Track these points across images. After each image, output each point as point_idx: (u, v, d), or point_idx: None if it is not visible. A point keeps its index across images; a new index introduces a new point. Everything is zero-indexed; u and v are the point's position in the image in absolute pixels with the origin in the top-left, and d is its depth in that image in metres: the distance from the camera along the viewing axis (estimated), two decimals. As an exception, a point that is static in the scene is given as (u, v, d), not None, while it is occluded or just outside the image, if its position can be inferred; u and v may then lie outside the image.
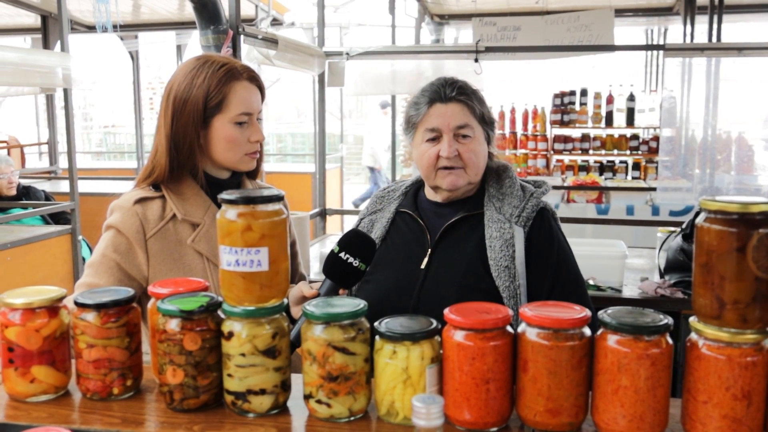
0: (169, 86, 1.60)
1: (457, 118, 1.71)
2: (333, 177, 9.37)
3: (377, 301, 1.77)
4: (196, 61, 1.59)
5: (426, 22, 7.58)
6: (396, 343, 1.04)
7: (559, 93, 6.95)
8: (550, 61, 6.27)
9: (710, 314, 0.95)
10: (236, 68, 1.58)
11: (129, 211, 1.55)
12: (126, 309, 1.15)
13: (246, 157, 1.62)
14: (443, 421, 0.82)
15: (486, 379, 1.01)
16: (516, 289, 1.65)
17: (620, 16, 6.84)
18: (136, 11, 8.21)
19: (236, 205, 1.06)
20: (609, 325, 0.98)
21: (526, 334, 1.01)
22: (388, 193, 1.94)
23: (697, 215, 0.98)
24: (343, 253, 1.47)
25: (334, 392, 1.05)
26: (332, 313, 1.05)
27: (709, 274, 0.94)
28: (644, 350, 0.95)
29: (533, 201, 1.73)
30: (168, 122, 1.56)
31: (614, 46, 4.34)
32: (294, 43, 3.51)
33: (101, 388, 1.14)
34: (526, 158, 6.91)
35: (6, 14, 7.82)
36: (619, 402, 0.97)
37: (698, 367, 0.96)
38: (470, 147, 1.71)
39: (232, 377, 1.08)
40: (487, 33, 5.51)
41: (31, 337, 1.13)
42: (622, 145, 6.83)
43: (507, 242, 1.67)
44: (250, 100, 1.59)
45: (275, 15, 7.48)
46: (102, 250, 1.55)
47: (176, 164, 1.58)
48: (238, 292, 1.07)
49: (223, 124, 1.57)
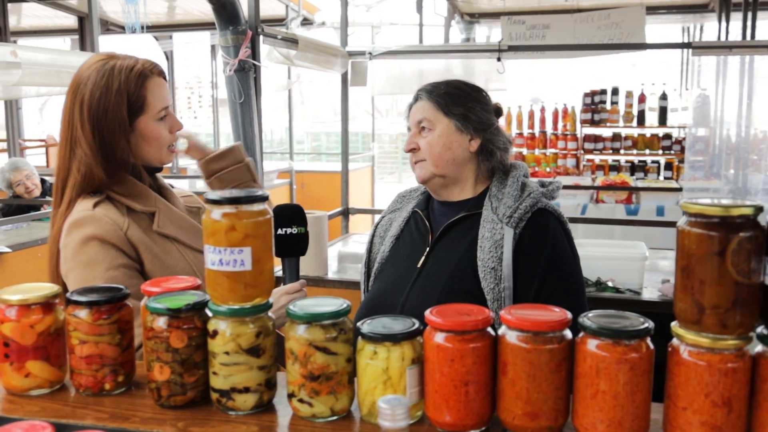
0: (77, 96, 1.56)
1: (417, 114, 1.81)
2: (364, 176, 9.41)
3: (376, 298, 1.81)
4: (101, 66, 1.57)
5: (456, 21, 7.56)
6: (377, 343, 1.04)
7: (589, 92, 6.88)
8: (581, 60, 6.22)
9: (690, 319, 0.93)
10: (146, 67, 1.60)
11: (97, 217, 1.53)
12: (118, 306, 1.17)
13: (167, 150, 1.66)
14: (409, 422, 0.82)
15: (465, 381, 1.01)
16: (501, 291, 1.63)
17: (653, 14, 6.75)
18: (171, 12, 8.35)
19: (220, 205, 1.07)
20: (588, 328, 0.97)
21: (506, 336, 1.01)
22: (410, 193, 1.98)
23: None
24: (279, 229, 1.56)
25: (315, 391, 1.06)
26: (314, 312, 1.06)
27: (688, 278, 0.93)
28: (623, 354, 0.94)
29: (528, 201, 1.70)
30: (89, 134, 1.55)
31: (643, 45, 4.27)
32: (315, 43, 3.53)
33: (93, 383, 1.17)
34: (556, 158, 6.85)
35: (45, 16, 8.01)
36: (598, 407, 0.96)
37: (678, 372, 0.94)
38: (427, 139, 1.77)
39: (217, 375, 1.10)
40: (515, 31, 5.47)
41: (26, 332, 1.16)
42: (654, 144, 6.73)
43: (496, 243, 1.66)
44: (164, 95, 1.63)
45: (305, 15, 7.55)
46: (103, 268, 1.51)
47: (111, 170, 1.58)
48: (222, 292, 1.09)
49: (147, 123, 1.60)
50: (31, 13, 8.02)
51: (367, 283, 1.92)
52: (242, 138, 2.94)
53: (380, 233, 1.92)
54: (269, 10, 7.34)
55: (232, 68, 2.84)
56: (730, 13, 5.67)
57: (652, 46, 4.10)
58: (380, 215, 1.97)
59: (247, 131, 2.94)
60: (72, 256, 1.53)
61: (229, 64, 2.85)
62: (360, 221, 6.72)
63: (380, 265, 1.85)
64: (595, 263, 2.95)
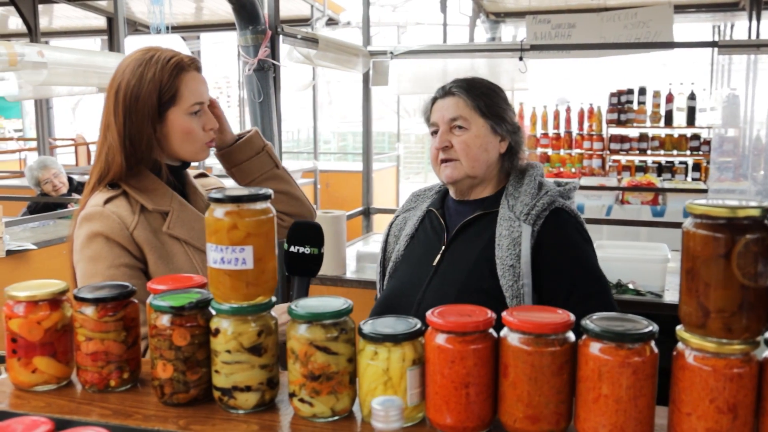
0: (115, 84, 1.59)
1: (450, 111, 1.76)
2: (389, 176, 9.40)
3: (392, 296, 1.80)
4: (142, 55, 1.59)
5: (482, 21, 7.52)
6: (377, 344, 1.03)
7: (615, 92, 6.79)
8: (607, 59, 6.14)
9: (695, 323, 0.91)
10: (183, 60, 1.60)
11: (105, 214, 1.55)
12: (123, 304, 1.18)
13: (203, 146, 1.64)
14: (402, 424, 0.81)
15: (465, 383, 1.00)
16: (520, 288, 1.63)
17: (682, 13, 6.64)
18: (198, 13, 8.42)
19: (223, 203, 1.07)
20: (591, 331, 0.95)
21: (508, 338, 1.00)
22: (424, 192, 1.98)
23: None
24: (292, 247, 1.50)
25: (316, 391, 1.06)
26: (314, 312, 1.05)
27: (693, 281, 0.91)
28: (625, 358, 0.92)
29: (545, 199, 1.70)
30: (120, 120, 1.56)
31: (668, 44, 4.21)
32: (336, 43, 3.54)
33: (98, 380, 1.18)
34: (581, 158, 6.78)
35: (75, 17, 8.14)
36: (600, 411, 0.94)
37: (683, 377, 0.92)
38: (463, 138, 1.74)
39: (219, 373, 1.10)
40: (541, 31, 5.43)
41: (33, 328, 1.17)
42: (682, 145, 6.63)
43: (514, 241, 1.66)
44: (200, 90, 1.61)
45: (331, 14, 7.57)
46: (105, 266, 1.52)
47: (134, 161, 1.58)
48: (224, 290, 1.09)
49: (178, 116, 1.59)
50: (62, 14, 8.15)
51: (382, 283, 1.91)
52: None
53: (395, 232, 1.91)
54: (294, 11, 7.38)
55: (251, 68, 2.86)
56: (761, 12, 5.56)
57: (677, 45, 4.04)
58: (395, 215, 1.97)
59: (266, 130, 2.95)
60: (79, 249, 1.57)
61: (248, 63, 2.87)
62: (384, 221, 6.71)
63: (395, 264, 1.85)
64: (615, 265, 2.92)
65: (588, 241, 1.75)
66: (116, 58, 4.38)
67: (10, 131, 12.29)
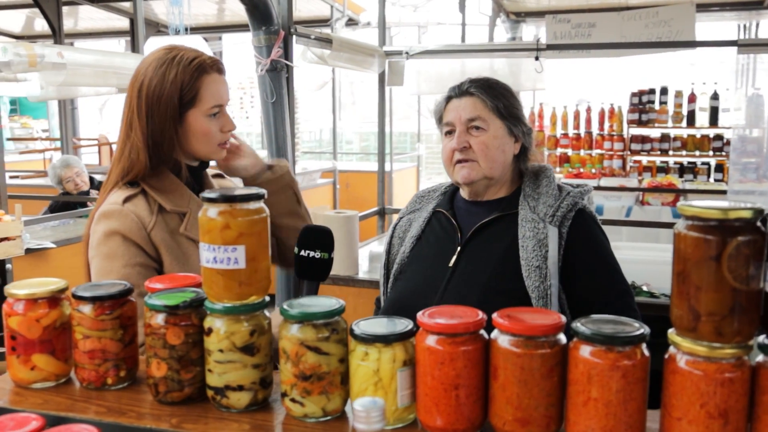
0: (137, 82, 1.59)
1: (468, 111, 1.74)
2: (409, 176, 9.40)
3: (404, 298, 1.79)
4: (165, 54, 1.59)
5: (502, 20, 7.49)
6: (368, 344, 1.03)
7: (637, 92, 6.71)
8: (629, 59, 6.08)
9: (686, 326, 0.90)
10: (206, 61, 1.59)
11: (123, 213, 1.56)
12: (120, 302, 1.19)
13: (218, 147, 1.64)
14: (383, 425, 0.81)
15: (455, 384, 0.99)
16: (547, 289, 1.62)
17: (705, 11, 6.55)
18: (220, 14, 8.48)
19: (216, 203, 1.08)
20: (581, 334, 0.94)
21: (498, 340, 0.99)
22: (428, 193, 1.96)
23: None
24: (302, 251, 1.49)
25: (307, 391, 1.06)
26: (306, 312, 1.05)
27: (684, 284, 0.89)
28: (615, 361, 0.91)
29: (569, 200, 1.71)
30: (143, 119, 1.57)
31: (686, 42, 4.16)
32: (350, 43, 3.54)
33: (96, 377, 1.19)
34: (602, 159, 6.72)
35: (99, 18, 8.23)
36: (589, 414, 0.93)
37: (673, 381, 0.91)
38: (481, 139, 1.72)
39: (212, 372, 1.10)
40: (561, 30, 5.38)
41: (32, 326, 1.18)
42: (705, 145, 6.54)
43: (540, 242, 1.65)
44: (220, 92, 1.61)
45: (351, 15, 7.57)
46: (121, 264, 1.53)
47: (156, 160, 1.59)
48: (217, 290, 1.09)
49: (197, 118, 1.59)
50: (87, 16, 8.25)
51: (386, 285, 1.90)
52: (274, 137, 2.97)
53: (399, 234, 1.90)
54: (315, 11, 7.39)
55: (264, 68, 2.87)
56: (785, 10, 5.47)
57: (696, 44, 3.99)
58: (398, 216, 1.96)
59: (279, 130, 2.96)
60: (96, 245, 1.58)
61: (261, 63, 2.88)
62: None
63: (400, 266, 1.84)
64: (630, 267, 2.87)
65: (608, 241, 1.78)
66: (135, 59, 4.43)
67: (39, 131, 12.47)
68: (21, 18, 8.08)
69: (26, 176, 7.58)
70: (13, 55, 3.58)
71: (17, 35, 8.61)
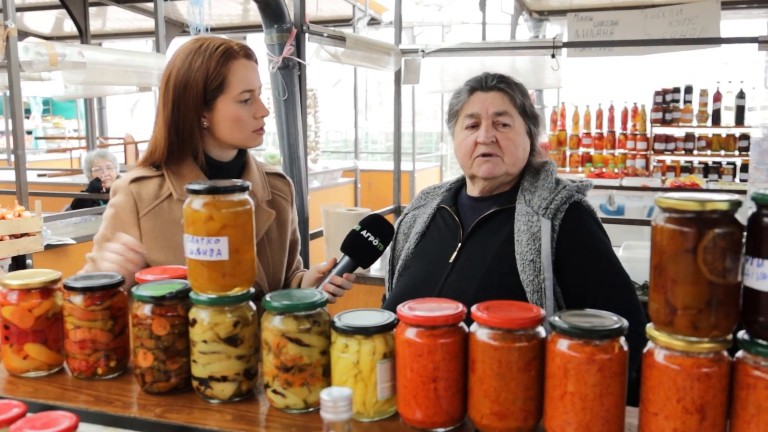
0: (167, 72, 1.61)
1: (496, 105, 1.72)
2: (432, 175, 9.38)
3: (405, 294, 1.78)
4: (192, 44, 1.60)
5: (525, 19, 7.44)
6: (348, 336, 1.03)
7: (661, 90, 6.62)
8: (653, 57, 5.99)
9: (662, 320, 0.88)
10: (232, 47, 1.60)
11: (125, 190, 1.60)
12: (111, 293, 1.20)
13: (253, 134, 1.64)
14: (351, 415, 0.81)
15: (433, 377, 0.99)
16: (541, 283, 1.61)
17: (732, 9, 6.44)
18: (245, 14, 8.54)
19: (200, 194, 1.09)
20: (558, 327, 0.93)
21: (476, 333, 0.98)
22: (433, 190, 1.95)
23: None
24: (364, 231, 1.53)
25: (288, 383, 1.06)
26: (287, 304, 1.05)
27: (660, 277, 0.88)
28: (591, 355, 0.90)
29: (564, 193, 1.69)
30: (168, 107, 1.58)
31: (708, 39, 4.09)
32: (365, 41, 3.54)
33: (86, 367, 1.20)
34: (625, 158, 6.63)
35: (126, 19, 8.34)
36: (565, 408, 0.92)
37: (650, 375, 0.89)
38: (508, 135, 1.71)
39: (197, 363, 1.11)
40: (583, 28, 5.32)
41: (24, 316, 1.20)
42: (730, 145, 6.42)
43: (534, 235, 1.64)
44: (249, 77, 1.61)
45: (373, 14, 7.57)
46: (102, 228, 1.62)
47: (176, 147, 1.60)
48: (202, 281, 1.10)
49: (227, 105, 1.59)
50: (114, 17, 8.36)
51: (391, 281, 1.90)
52: (285, 134, 2.98)
53: (404, 230, 1.90)
54: (337, 11, 7.41)
55: (275, 66, 2.88)
56: (814, 7, 5.35)
57: (716, 41, 3.92)
58: (403, 212, 1.95)
59: (291, 128, 2.97)
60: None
61: (273, 61, 2.89)
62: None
63: (404, 262, 1.83)
64: (643, 266, 2.84)
65: (606, 235, 1.74)
66: (156, 58, 4.48)
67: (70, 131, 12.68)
68: (51, 19, 8.22)
69: (53, 174, 7.71)
70: (35, 54, 3.64)
71: (47, 36, 8.75)
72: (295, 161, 3.01)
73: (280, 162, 3.06)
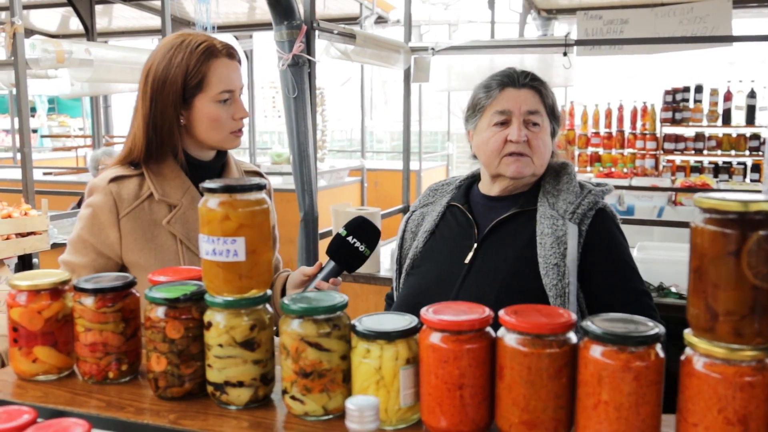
0: (147, 67, 1.57)
1: (528, 103, 1.67)
2: (439, 175, 9.34)
3: (418, 294, 1.74)
4: (174, 39, 1.57)
5: (533, 17, 7.39)
6: (370, 341, 0.99)
7: (670, 89, 6.56)
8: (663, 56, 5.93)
9: (703, 326, 0.84)
10: (214, 46, 1.56)
11: (104, 190, 1.56)
12: (122, 295, 1.17)
13: (230, 135, 1.60)
14: (378, 425, 0.77)
15: (459, 384, 0.95)
16: (564, 287, 1.57)
17: (743, 7, 6.38)
18: (251, 12, 8.51)
19: (216, 193, 1.05)
20: (591, 333, 0.89)
21: (504, 338, 0.94)
22: (442, 187, 1.90)
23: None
24: (350, 237, 1.49)
25: (307, 389, 1.02)
26: (307, 307, 1.02)
27: (701, 281, 0.84)
28: (627, 363, 0.86)
29: (590, 198, 1.66)
30: (146, 103, 1.55)
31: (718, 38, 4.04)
32: (374, 39, 3.50)
33: (97, 371, 1.17)
34: (634, 158, 6.59)
35: (132, 17, 8.32)
36: (599, 418, 0.88)
37: (689, 384, 0.85)
38: (539, 135, 1.68)
39: (212, 368, 1.07)
40: (592, 27, 5.27)
41: (33, 318, 1.17)
42: (741, 145, 6.37)
43: (559, 239, 1.60)
44: (230, 78, 1.57)
45: (380, 12, 7.53)
46: (78, 230, 1.58)
47: (155, 145, 1.57)
48: (217, 283, 1.06)
49: (205, 104, 1.56)
50: (120, 15, 8.33)
51: (399, 281, 1.86)
52: (295, 132, 2.94)
53: (411, 228, 1.85)
54: (344, 9, 7.37)
55: (285, 63, 2.85)
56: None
57: (727, 39, 3.87)
58: (410, 209, 1.91)
59: (300, 126, 2.93)
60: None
61: (282, 58, 2.86)
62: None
63: (412, 261, 1.79)
64: (658, 267, 2.81)
65: (626, 241, 1.73)
66: (162, 56, 4.46)
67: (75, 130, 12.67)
68: (56, 17, 8.20)
69: (59, 172, 7.69)
70: (42, 52, 3.62)
71: (53, 34, 8.73)
72: (305, 160, 2.97)
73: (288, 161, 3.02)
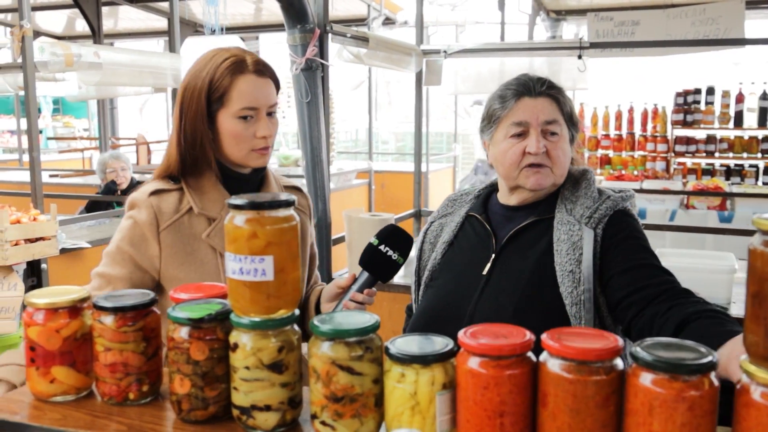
0: (184, 81, 1.58)
1: (546, 113, 1.62)
2: (445, 177, 9.29)
3: (437, 307, 1.70)
4: (208, 53, 1.56)
5: (542, 19, 7.34)
6: (404, 365, 0.95)
7: (682, 91, 6.51)
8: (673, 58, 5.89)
9: (762, 354, 0.80)
10: (243, 61, 1.52)
11: (144, 203, 1.55)
12: (144, 313, 1.13)
13: (253, 153, 1.57)
14: (422, 461, 0.73)
15: (500, 411, 0.91)
16: (580, 295, 1.52)
17: (756, 8, 6.33)
18: (258, 13, 8.48)
19: (243, 210, 1.01)
20: (641, 359, 0.84)
21: (547, 364, 0.90)
22: (461, 197, 1.86)
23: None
24: (382, 245, 1.48)
25: (338, 414, 0.98)
26: (338, 329, 0.97)
27: (761, 307, 0.79)
28: (680, 392, 0.82)
29: (608, 203, 1.61)
30: (177, 116, 1.54)
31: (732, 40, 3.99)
32: (387, 42, 3.46)
33: (117, 392, 1.13)
34: (645, 160, 6.54)
35: (138, 18, 8.30)
36: (650, 450, 0.84)
37: (746, 416, 0.81)
38: (559, 145, 1.63)
39: (238, 391, 1.03)
40: (603, 28, 5.22)
41: (51, 337, 1.13)
42: (753, 147, 6.31)
43: (574, 245, 1.55)
44: (254, 95, 1.53)
45: (388, 14, 7.50)
46: (117, 241, 1.56)
47: (189, 158, 1.55)
48: (244, 303, 1.02)
49: (226, 119, 1.53)
50: (126, 16, 8.32)
51: (418, 293, 1.82)
52: (308, 137, 2.90)
53: (430, 239, 1.81)
54: (351, 10, 7.34)
55: (298, 67, 2.81)
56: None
57: (742, 42, 3.82)
58: (429, 220, 1.87)
59: (314, 130, 2.89)
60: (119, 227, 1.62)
61: (295, 62, 2.82)
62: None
63: (431, 272, 1.75)
64: (678, 275, 2.74)
65: (647, 241, 1.66)
66: (171, 59, 4.42)
67: (80, 131, 12.66)
68: (63, 19, 8.18)
69: (65, 175, 7.66)
70: (50, 55, 3.58)
71: (59, 36, 8.72)
72: (318, 164, 2.93)
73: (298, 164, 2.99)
